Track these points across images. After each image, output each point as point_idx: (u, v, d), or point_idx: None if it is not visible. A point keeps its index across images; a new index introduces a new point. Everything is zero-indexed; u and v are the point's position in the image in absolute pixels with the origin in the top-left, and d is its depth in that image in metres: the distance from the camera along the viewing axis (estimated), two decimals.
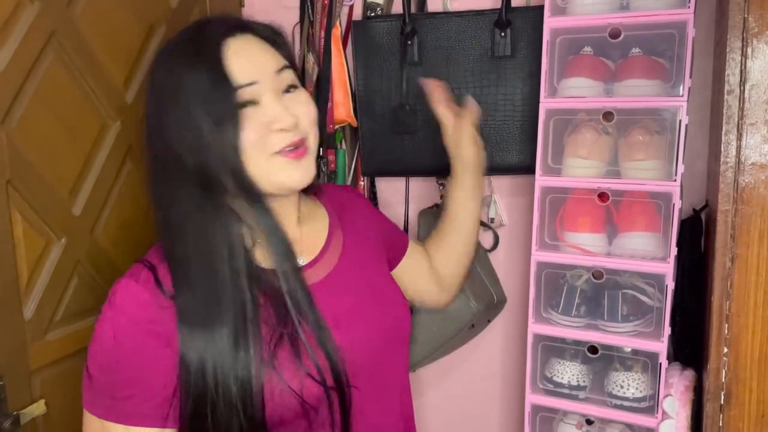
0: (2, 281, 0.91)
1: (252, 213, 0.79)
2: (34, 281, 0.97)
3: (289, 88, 0.82)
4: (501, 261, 1.38)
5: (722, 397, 0.88)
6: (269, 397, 0.76)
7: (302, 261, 0.87)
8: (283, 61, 0.82)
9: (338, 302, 0.86)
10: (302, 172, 0.81)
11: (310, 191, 0.98)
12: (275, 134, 0.78)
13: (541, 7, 1.10)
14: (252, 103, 0.77)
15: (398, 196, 1.43)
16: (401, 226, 1.41)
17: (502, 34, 1.20)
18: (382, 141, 1.30)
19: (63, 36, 0.98)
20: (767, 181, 0.81)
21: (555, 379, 1.13)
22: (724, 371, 0.87)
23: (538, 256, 1.10)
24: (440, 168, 1.30)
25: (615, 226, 1.08)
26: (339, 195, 1.05)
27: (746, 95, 0.81)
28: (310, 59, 1.39)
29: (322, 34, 1.36)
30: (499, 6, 1.21)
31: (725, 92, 0.83)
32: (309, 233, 0.92)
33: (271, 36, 0.83)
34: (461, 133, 1.11)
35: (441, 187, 1.38)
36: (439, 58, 1.24)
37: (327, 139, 1.37)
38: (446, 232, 1.15)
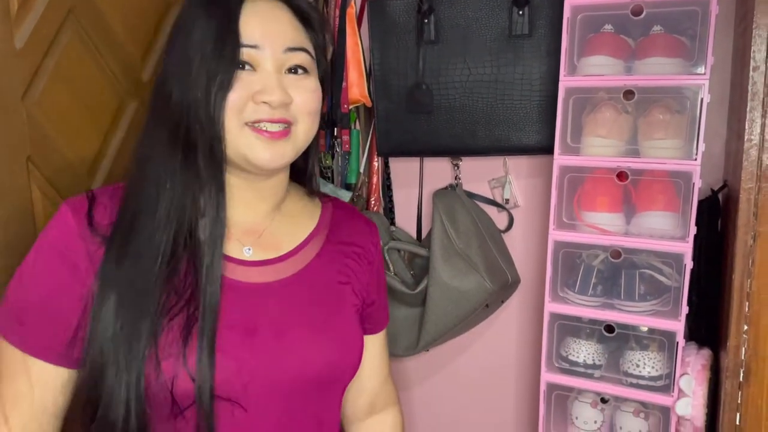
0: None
1: (207, 181, 0.74)
2: None
3: (297, 69, 0.77)
4: (516, 242, 1.38)
5: (741, 374, 0.88)
6: (148, 371, 0.70)
7: (249, 253, 0.80)
8: (302, 41, 0.77)
9: (274, 310, 0.78)
10: (272, 154, 0.75)
11: (317, 195, 0.91)
12: (256, 105, 0.73)
13: None
14: (248, 66, 0.74)
15: (412, 177, 1.42)
16: (415, 207, 1.42)
17: (520, 12, 1.19)
18: (397, 121, 1.30)
19: (81, 12, 0.98)
20: None
21: (570, 357, 1.14)
22: (743, 348, 0.87)
23: (556, 235, 1.10)
24: (456, 148, 1.30)
25: (633, 206, 1.08)
26: (350, 217, 0.93)
27: None
28: None
29: (337, 13, 1.35)
30: None
31: (750, 69, 0.82)
32: (281, 229, 0.83)
33: (305, 12, 0.78)
34: None
35: (455, 168, 1.38)
36: (456, 36, 1.23)
37: (341, 119, 1.37)
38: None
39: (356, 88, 1.35)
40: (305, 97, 0.76)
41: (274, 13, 0.76)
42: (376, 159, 1.40)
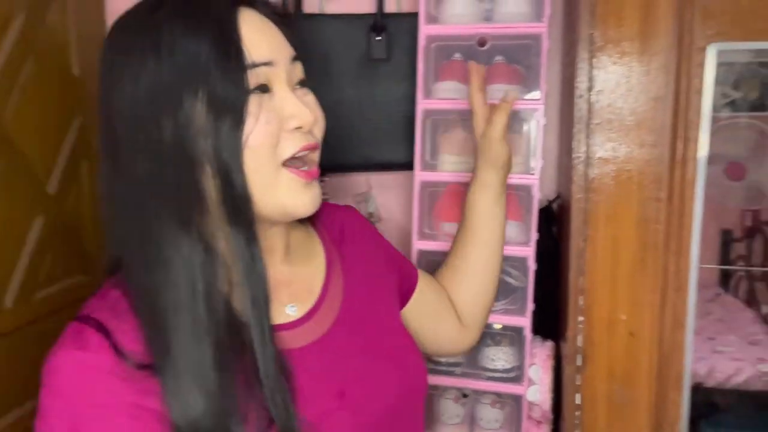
0: None
1: (234, 242, 0.57)
2: None
3: (302, 84, 0.63)
4: None
5: (579, 359, 1.01)
6: None
7: (293, 311, 0.67)
8: (292, 50, 0.62)
9: (343, 365, 0.66)
10: (313, 198, 0.62)
11: None
12: (289, 134, 0.59)
13: (412, 14, 1.19)
14: (264, 89, 0.58)
15: None
16: None
17: (378, 38, 1.27)
18: None
19: None
20: (610, 173, 0.96)
21: (433, 358, 1.22)
22: (579, 337, 1.01)
23: (420, 245, 1.19)
24: (323, 166, 1.35)
25: None
26: (337, 217, 0.80)
27: (593, 99, 0.95)
28: None
29: None
30: (374, 11, 1.27)
31: (576, 96, 0.96)
32: (301, 274, 0.69)
33: (279, 17, 0.63)
34: (494, 126, 0.88)
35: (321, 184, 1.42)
36: (318, 59, 1.28)
37: None
38: (468, 252, 0.91)
39: None
40: (320, 115, 0.64)
41: (265, 22, 0.60)
42: None
